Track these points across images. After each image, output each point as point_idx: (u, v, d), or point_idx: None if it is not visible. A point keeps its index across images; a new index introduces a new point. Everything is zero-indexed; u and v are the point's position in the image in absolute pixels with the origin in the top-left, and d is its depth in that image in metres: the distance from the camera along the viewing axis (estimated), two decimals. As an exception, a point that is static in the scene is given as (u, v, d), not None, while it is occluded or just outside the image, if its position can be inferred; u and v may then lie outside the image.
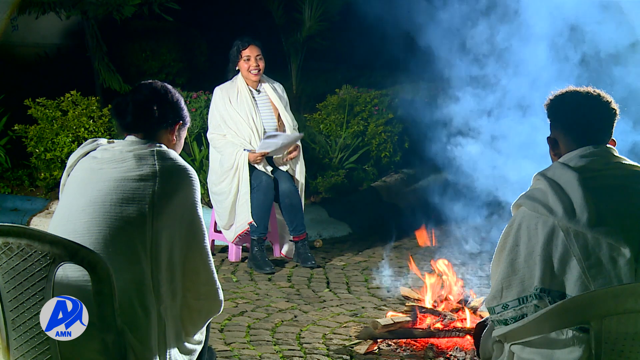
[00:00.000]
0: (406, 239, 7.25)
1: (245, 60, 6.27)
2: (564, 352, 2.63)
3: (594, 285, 2.62)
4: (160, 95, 3.12)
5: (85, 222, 2.85)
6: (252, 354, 4.58)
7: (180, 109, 3.17)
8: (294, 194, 6.29)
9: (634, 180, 2.78)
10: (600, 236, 2.64)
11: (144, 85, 3.15)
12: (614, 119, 2.89)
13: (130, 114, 3.05)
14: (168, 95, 3.14)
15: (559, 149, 2.91)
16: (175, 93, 3.18)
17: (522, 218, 2.77)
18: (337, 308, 5.47)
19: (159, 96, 3.11)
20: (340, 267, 6.44)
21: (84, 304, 2.66)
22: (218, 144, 6.28)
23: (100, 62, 8.65)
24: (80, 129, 7.35)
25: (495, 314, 2.82)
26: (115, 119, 3.14)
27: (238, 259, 6.47)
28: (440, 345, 4.66)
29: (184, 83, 9.92)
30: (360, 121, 8.60)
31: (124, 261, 2.82)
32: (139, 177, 2.92)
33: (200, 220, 3.03)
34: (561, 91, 2.95)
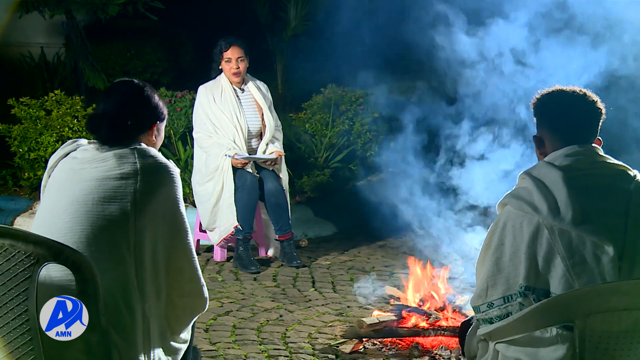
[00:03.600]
0: (391, 238, 7.26)
1: (226, 61, 6.27)
2: (548, 350, 2.64)
3: (578, 283, 2.63)
4: (134, 104, 3.07)
5: (68, 221, 2.84)
6: (237, 353, 4.57)
7: (156, 108, 3.12)
8: (280, 193, 6.28)
9: (619, 179, 2.80)
10: (585, 234, 2.66)
11: (115, 94, 3.09)
12: (600, 118, 2.92)
13: (105, 130, 3.00)
14: (142, 100, 3.09)
15: (545, 147, 2.93)
16: (148, 91, 3.11)
17: (507, 217, 2.79)
18: (323, 307, 5.47)
19: (132, 105, 3.06)
20: (325, 267, 6.45)
21: (69, 304, 2.65)
22: (204, 144, 6.26)
23: (84, 61, 8.61)
24: (65, 128, 7.32)
25: (481, 312, 2.83)
26: (90, 134, 3.08)
27: (223, 258, 6.46)
28: (425, 344, 4.67)
29: (168, 82, 9.88)
30: (345, 120, 8.60)
31: (108, 260, 2.80)
32: (120, 175, 2.90)
33: (183, 217, 3.02)
34: (547, 90, 2.97)
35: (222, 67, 6.32)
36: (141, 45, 10.34)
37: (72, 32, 8.72)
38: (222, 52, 6.27)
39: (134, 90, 3.10)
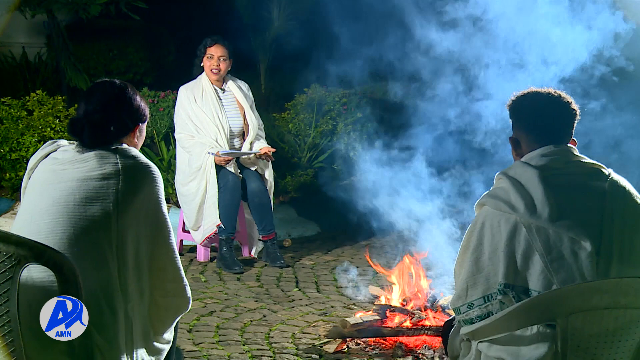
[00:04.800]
0: (375, 238, 7.27)
1: (208, 57, 6.27)
2: (530, 348, 2.66)
3: (556, 278, 2.66)
4: (116, 107, 3.04)
5: (49, 222, 2.83)
6: (220, 354, 4.56)
7: (138, 110, 3.10)
8: (263, 193, 6.28)
9: (593, 177, 2.83)
10: (562, 230, 2.69)
11: (96, 95, 3.06)
12: (574, 119, 2.96)
13: (87, 136, 2.98)
14: (124, 102, 3.06)
15: (521, 148, 2.96)
16: (130, 92, 3.09)
17: (485, 217, 2.81)
18: (306, 307, 5.47)
19: (114, 108, 3.04)
20: (309, 267, 6.45)
21: (50, 305, 2.64)
22: (186, 144, 6.25)
23: (66, 61, 8.57)
24: (46, 128, 7.28)
25: (461, 313, 2.85)
26: (72, 137, 3.05)
27: (207, 259, 6.45)
28: (409, 343, 4.68)
29: (151, 82, 9.85)
30: (329, 120, 8.61)
31: (90, 261, 2.80)
32: (101, 176, 2.89)
33: (165, 217, 3.01)
34: (523, 92, 3.01)
35: (203, 64, 6.32)
36: (123, 45, 10.31)
37: (53, 32, 8.67)
38: (206, 48, 6.27)
39: (116, 92, 3.08)
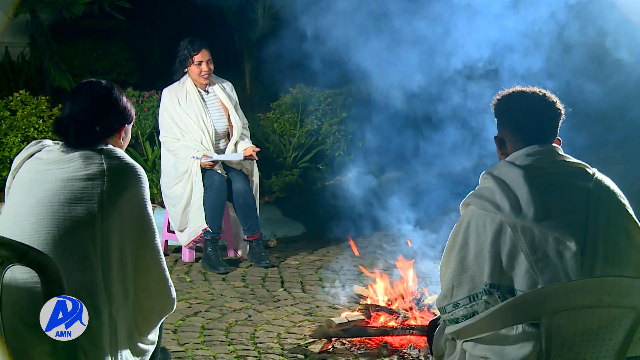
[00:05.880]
0: (360, 238, 7.28)
1: (196, 65, 6.23)
2: (515, 347, 2.66)
3: (541, 278, 2.66)
4: (102, 108, 3.02)
5: (33, 223, 2.81)
6: (206, 354, 4.55)
7: (123, 111, 3.08)
8: (248, 194, 6.27)
9: (578, 177, 2.84)
10: (547, 230, 2.69)
11: (82, 96, 3.04)
12: (559, 118, 2.96)
13: (72, 136, 2.96)
14: (110, 103, 3.05)
15: (506, 148, 2.96)
16: (116, 93, 3.07)
17: (470, 216, 2.81)
18: (292, 307, 5.47)
19: (100, 109, 3.02)
20: (294, 267, 6.44)
21: (34, 306, 2.62)
22: (172, 147, 6.23)
23: (49, 61, 8.51)
24: (30, 128, 7.24)
25: (447, 313, 2.85)
26: (57, 137, 3.03)
27: (192, 259, 6.43)
28: (394, 343, 4.69)
29: (136, 82, 9.81)
30: (314, 120, 8.61)
31: (74, 262, 2.78)
32: (86, 176, 2.88)
33: (150, 218, 3.00)
34: (508, 91, 3.01)
35: (189, 71, 6.28)
36: (107, 45, 10.26)
37: (36, 32, 8.62)
38: (193, 56, 6.22)
39: (102, 93, 3.06)
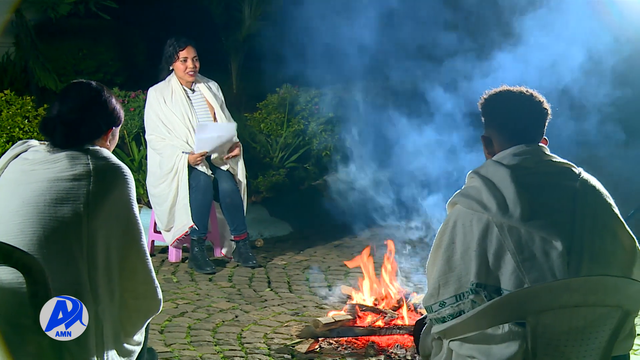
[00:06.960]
0: (347, 238, 7.29)
1: (182, 61, 6.21)
2: (501, 347, 2.67)
3: (528, 278, 2.67)
4: (90, 109, 3.01)
5: (19, 223, 2.79)
6: (192, 354, 4.54)
7: (112, 114, 3.07)
8: (234, 194, 6.26)
9: (565, 177, 2.85)
10: (533, 230, 2.70)
11: (71, 97, 3.03)
12: (546, 118, 2.98)
13: (59, 136, 2.95)
14: (99, 105, 3.03)
15: (493, 147, 2.97)
16: (105, 95, 3.06)
17: (457, 216, 2.82)
18: (279, 307, 5.47)
19: (89, 110, 3.01)
20: (281, 267, 6.44)
21: (19, 307, 2.61)
22: (157, 146, 6.21)
23: (34, 61, 8.47)
24: (15, 129, 7.19)
25: (433, 312, 2.86)
26: (44, 136, 3.02)
27: (178, 259, 6.42)
28: (381, 343, 4.69)
29: (122, 82, 9.77)
30: (300, 120, 8.61)
31: (60, 262, 2.77)
32: (72, 176, 2.87)
33: (137, 219, 2.99)
34: (495, 90, 3.01)
35: (174, 68, 6.26)
36: (93, 44, 10.20)
37: (21, 31, 8.57)
38: (178, 52, 6.21)
39: (91, 95, 3.05)
